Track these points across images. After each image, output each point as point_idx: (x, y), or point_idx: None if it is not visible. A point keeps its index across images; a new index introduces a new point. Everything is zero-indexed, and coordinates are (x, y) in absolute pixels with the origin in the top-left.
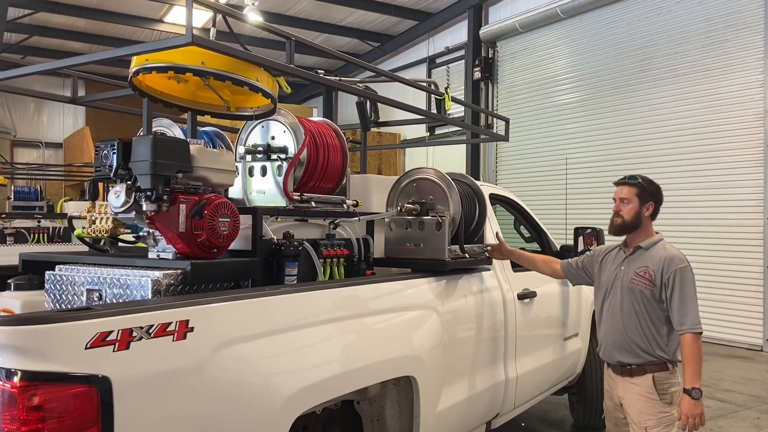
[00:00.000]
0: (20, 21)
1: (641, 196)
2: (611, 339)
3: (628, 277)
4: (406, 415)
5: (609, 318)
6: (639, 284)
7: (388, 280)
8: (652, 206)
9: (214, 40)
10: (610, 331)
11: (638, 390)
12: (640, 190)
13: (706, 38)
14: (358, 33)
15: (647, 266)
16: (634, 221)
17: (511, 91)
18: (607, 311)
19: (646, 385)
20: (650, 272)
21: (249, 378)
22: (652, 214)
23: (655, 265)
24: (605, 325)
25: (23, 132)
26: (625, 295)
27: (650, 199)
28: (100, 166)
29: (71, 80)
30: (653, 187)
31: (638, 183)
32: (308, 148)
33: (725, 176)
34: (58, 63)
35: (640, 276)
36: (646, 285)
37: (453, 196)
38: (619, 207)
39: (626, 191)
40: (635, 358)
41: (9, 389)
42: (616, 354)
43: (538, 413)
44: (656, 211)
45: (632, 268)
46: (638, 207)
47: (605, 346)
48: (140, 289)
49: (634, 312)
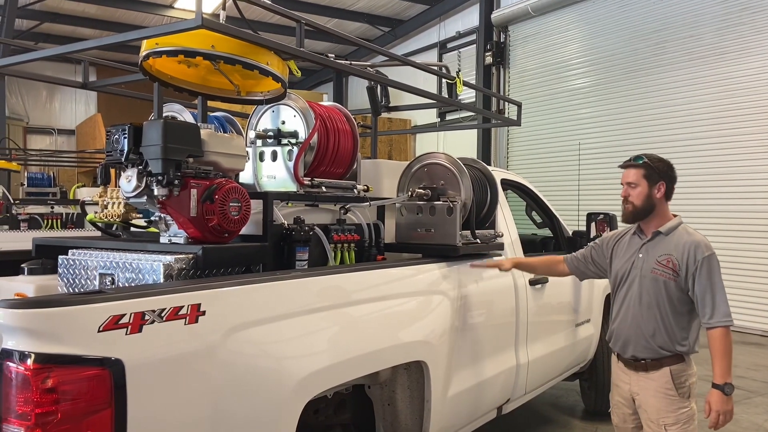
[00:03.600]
0: (31, 7)
1: (649, 177)
2: (627, 332)
3: (648, 266)
4: (417, 399)
5: (625, 309)
6: (662, 274)
7: (398, 266)
8: (664, 186)
9: (224, 24)
10: (625, 324)
11: (655, 386)
12: (647, 170)
13: (721, 21)
14: (369, 18)
15: (670, 254)
16: (646, 206)
17: (522, 76)
18: (622, 302)
19: (664, 381)
20: (674, 261)
21: (260, 362)
22: (666, 195)
23: (678, 252)
24: (621, 317)
25: (36, 119)
26: (645, 286)
27: (660, 178)
28: (111, 150)
29: (82, 66)
30: (662, 164)
31: (644, 163)
32: (319, 132)
33: (740, 161)
34: (70, 47)
35: (663, 265)
36: (670, 275)
37: (464, 182)
38: (628, 192)
39: (632, 174)
40: (651, 353)
41: (23, 372)
42: (631, 348)
43: (549, 399)
44: (670, 190)
45: (653, 256)
46: (648, 189)
47: (619, 339)
48: (152, 273)
49: (656, 304)
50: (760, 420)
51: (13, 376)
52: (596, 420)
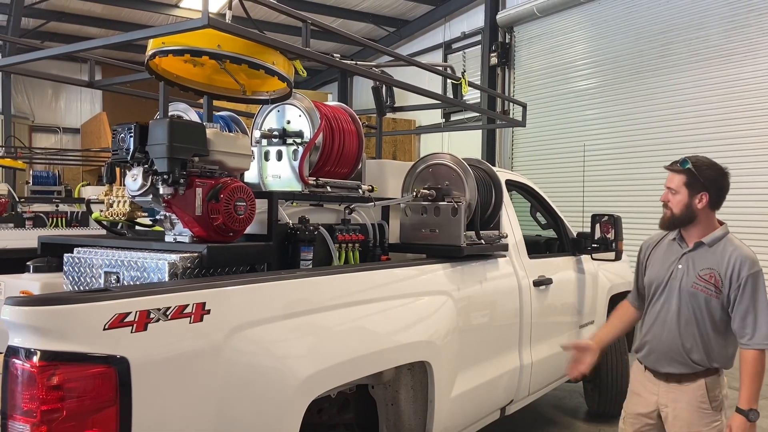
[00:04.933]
0: (38, 6)
1: (691, 186)
2: (661, 347)
3: (689, 280)
4: (420, 399)
5: (660, 324)
6: (704, 290)
7: (403, 266)
8: (707, 197)
9: (230, 23)
10: (660, 339)
11: (687, 399)
12: (690, 178)
13: (728, 23)
14: (374, 18)
15: (713, 268)
16: (686, 215)
17: (528, 77)
18: (657, 315)
19: (699, 394)
20: (717, 276)
21: (265, 361)
22: (711, 205)
23: (722, 267)
24: (654, 331)
25: (41, 117)
26: (685, 301)
27: (703, 188)
28: (117, 149)
29: (88, 65)
30: (709, 172)
31: (687, 170)
32: (324, 132)
33: (747, 163)
34: (76, 46)
35: (705, 280)
36: (713, 291)
37: (469, 182)
38: (668, 197)
39: (674, 179)
40: (686, 368)
41: (29, 369)
42: (665, 364)
43: (552, 400)
44: (716, 200)
45: (694, 269)
46: (687, 199)
47: (651, 353)
48: (157, 272)
49: (695, 321)
50: (764, 424)
51: (19, 373)
52: (600, 422)
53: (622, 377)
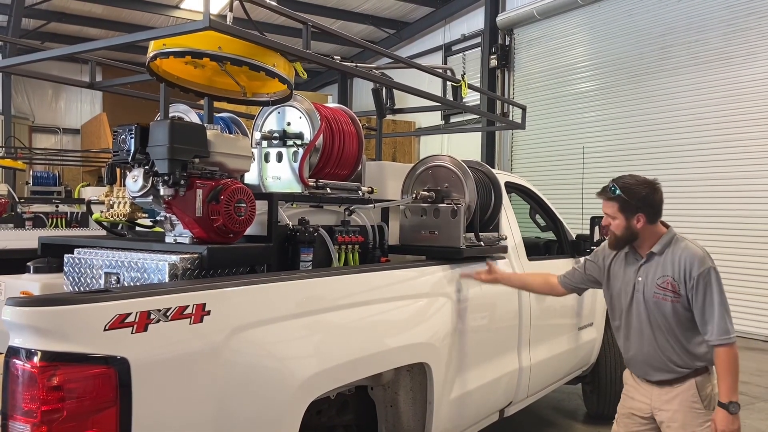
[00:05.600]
0: (38, 7)
1: (625, 210)
2: (643, 358)
3: (650, 291)
4: (419, 401)
5: (638, 336)
6: (665, 298)
7: (402, 268)
8: (643, 217)
9: (231, 25)
10: (640, 351)
11: (680, 400)
12: (622, 203)
13: (727, 26)
14: (374, 20)
15: (667, 275)
16: (629, 235)
17: (527, 79)
18: (631, 328)
19: (690, 394)
20: (672, 281)
21: (264, 362)
22: (650, 221)
23: (675, 271)
24: (633, 344)
25: (41, 118)
26: (652, 311)
27: (637, 210)
28: (118, 150)
29: (89, 66)
30: (639, 191)
31: (618, 196)
32: (324, 134)
33: (746, 166)
34: (77, 48)
35: (663, 288)
36: (673, 297)
37: (469, 184)
38: (608, 221)
39: (608, 207)
40: (671, 374)
41: (29, 369)
42: (653, 373)
43: (551, 402)
44: (652, 216)
45: (652, 279)
46: (625, 222)
47: (637, 365)
48: (157, 273)
49: (667, 328)
50: (763, 426)
51: (20, 373)
52: (598, 424)
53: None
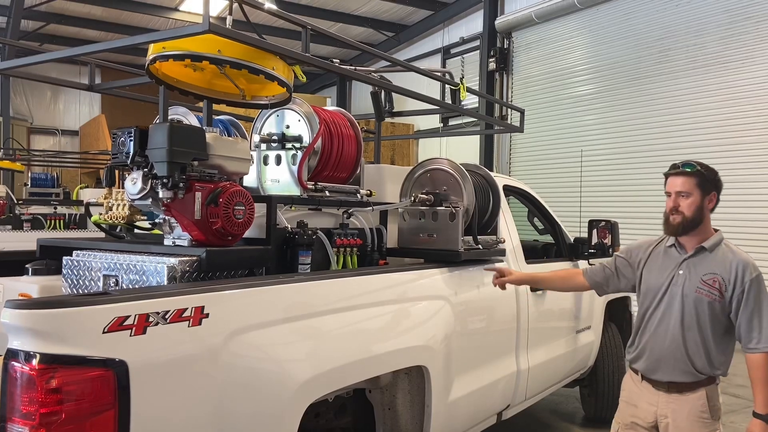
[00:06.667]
0: (37, 9)
1: (703, 187)
2: (663, 355)
3: (692, 285)
4: (417, 404)
5: (663, 330)
6: (708, 295)
7: (401, 270)
8: (716, 197)
9: (231, 29)
10: (662, 346)
11: (689, 408)
12: (700, 179)
13: (725, 30)
14: (373, 23)
15: (715, 273)
16: (697, 217)
17: (526, 83)
18: (657, 322)
19: (700, 404)
20: (720, 281)
21: (262, 365)
22: (715, 206)
23: (725, 272)
24: (655, 339)
25: (40, 119)
26: (688, 306)
27: (713, 188)
28: (117, 153)
29: (88, 68)
30: (714, 173)
31: (698, 171)
32: (323, 137)
33: (743, 170)
34: (76, 50)
35: (709, 285)
36: (716, 296)
37: (467, 187)
38: (677, 202)
39: (684, 182)
40: (689, 376)
41: (28, 372)
42: (668, 372)
43: (549, 405)
44: (718, 201)
45: (696, 274)
46: (700, 200)
47: (651, 362)
48: (156, 276)
49: (697, 326)
50: None
51: (18, 375)
52: (596, 427)
53: (619, 383)
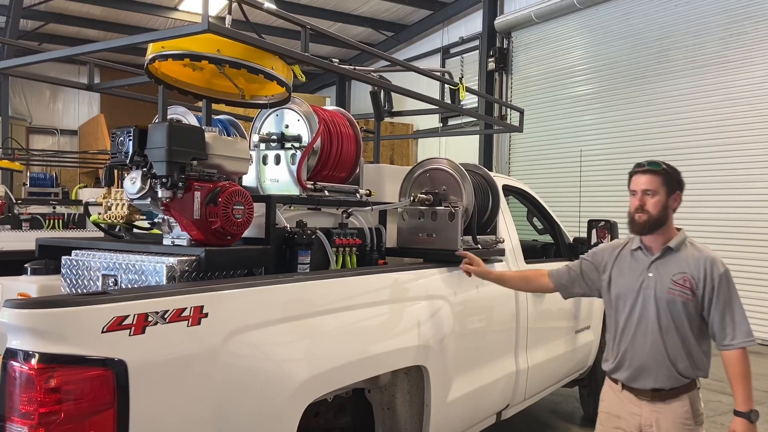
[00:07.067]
0: (36, 8)
1: (668, 185)
2: (645, 362)
3: (663, 287)
4: (416, 404)
5: (640, 337)
6: (681, 295)
7: (400, 270)
8: (679, 197)
9: (230, 28)
10: (642, 353)
11: (673, 416)
12: (666, 177)
13: (724, 30)
14: (372, 22)
15: (685, 272)
16: (662, 216)
17: (525, 82)
18: (635, 328)
19: (684, 410)
20: (690, 279)
21: (262, 364)
22: (678, 206)
23: (693, 270)
24: (634, 346)
25: (39, 119)
26: (663, 309)
27: (677, 187)
28: (116, 152)
29: (87, 67)
30: (678, 173)
31: (663, 170)
32: (322, 137)
33: (743, 170)
34: (75, 50)
35: (680, 285)
36: (689, 295)
37: (466, 187)
38: (644, 200)
39: (650, 181)
40: (673, 381)
41: (27, 371)
42: (651, 380)
43: (548, 405)
44: (680, 202)
45: (666, 275)
46: (665, 199)
47: (633, 370)
48: (155, 275)
49: (676, 328)
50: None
51: (17, 375)
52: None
53: None
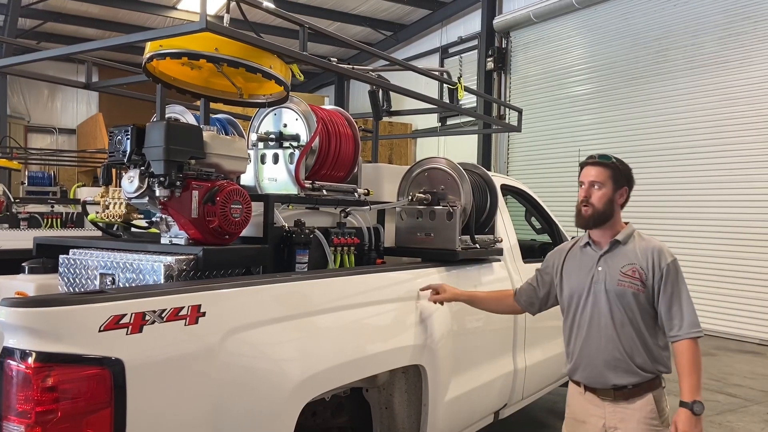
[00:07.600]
0: (35, 6)
1: (616, 180)
2: (602, 358)
3: (613, 280)
4: (414, 403)
5: (594, 333)
6: (630, 286)
7: (398, 269)
8: (627, 192)
9: (228, 27)
10: (598, 349)
11: (638, 416)
12: (614, 172)
13: (723, 30)
14: (371, 22)
15: (633, 263)
16: (607, 210)
17: (524, 82)
18: (588, 325)
19: (648, 410)
20: (639, 269)
21: (259, 364)
22: (625, 202)
23: (641, 260)
24: (589, 343)
25: (37, 118)
26: (614, 301)
27: (625, 183)
28: (114, 151)
29: (85, 66)
30: (628, 169)
31: (613, 164)
32: (320, 136)
33: (740, 169)
34: (73, 48)
35: (629, 276)
36: (639, 286)
37: (464, 186)
38: (589, 192)
39: (598, 173)
40: (633, 377)
41: (24, 370)
42: (611, 376)
43: (546, 404)
44: (628, 197)
45: (615, 268)
46: (612, 193)
47: (590, 368)
48: (153, 274)
49: (629, 321)
50: (756, 429)
51: (14, 374)
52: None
53: None
